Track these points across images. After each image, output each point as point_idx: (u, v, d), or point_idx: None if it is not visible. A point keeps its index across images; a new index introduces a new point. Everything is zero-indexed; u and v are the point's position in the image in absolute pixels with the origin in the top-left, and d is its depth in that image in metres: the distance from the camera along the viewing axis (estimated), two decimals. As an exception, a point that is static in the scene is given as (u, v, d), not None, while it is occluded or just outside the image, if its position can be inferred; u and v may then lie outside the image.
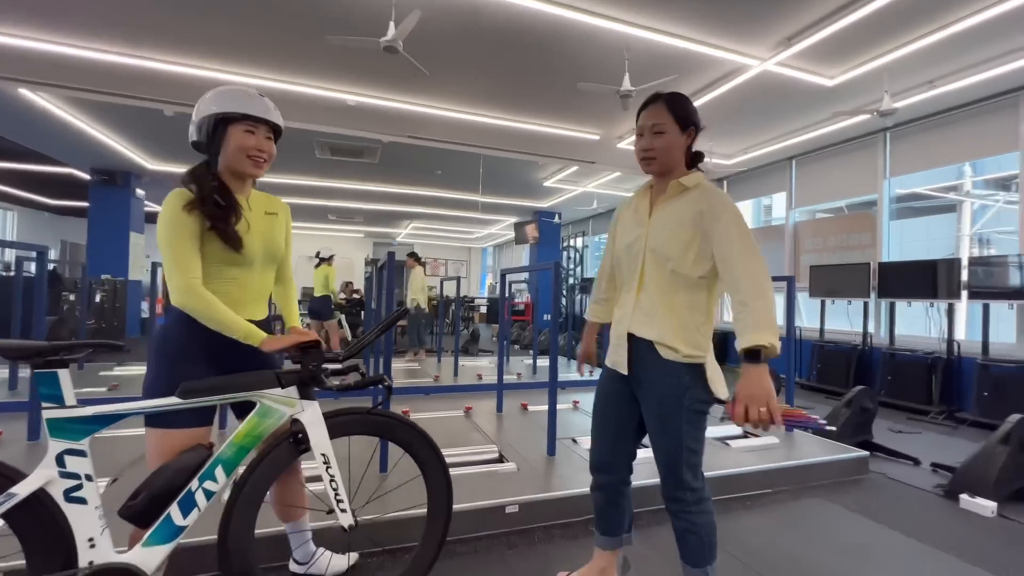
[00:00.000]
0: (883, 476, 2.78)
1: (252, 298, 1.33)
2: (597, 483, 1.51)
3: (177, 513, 1.13)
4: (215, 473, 1.17)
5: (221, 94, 1.26)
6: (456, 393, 4.18)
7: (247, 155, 1.26)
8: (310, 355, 1.28)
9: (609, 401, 1.47)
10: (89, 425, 1.10)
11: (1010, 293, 4.04)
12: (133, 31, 3.73)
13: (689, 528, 1.33)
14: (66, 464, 1.07)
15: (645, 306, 1.35)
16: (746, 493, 2.44)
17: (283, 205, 1.46)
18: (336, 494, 1.29)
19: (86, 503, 1.08)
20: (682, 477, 1.31)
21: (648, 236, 1.36)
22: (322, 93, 4.64)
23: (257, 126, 1.27)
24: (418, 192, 8.95)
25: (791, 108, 4.89)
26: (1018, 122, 4.29)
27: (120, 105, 4.87)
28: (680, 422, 1.30)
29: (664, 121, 1.34)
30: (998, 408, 3.86)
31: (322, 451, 1.27)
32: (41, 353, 1.07)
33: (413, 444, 1.44)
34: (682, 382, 1.29)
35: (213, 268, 1.24)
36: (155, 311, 4.17)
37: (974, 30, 3.40)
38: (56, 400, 1.08)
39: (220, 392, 1.19)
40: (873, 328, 5.32)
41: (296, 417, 1.26)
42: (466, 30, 3.61)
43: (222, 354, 1.26)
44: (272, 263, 1.39)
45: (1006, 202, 6.51)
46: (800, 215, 6.55)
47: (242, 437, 1.21)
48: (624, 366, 1.37)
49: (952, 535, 2.11)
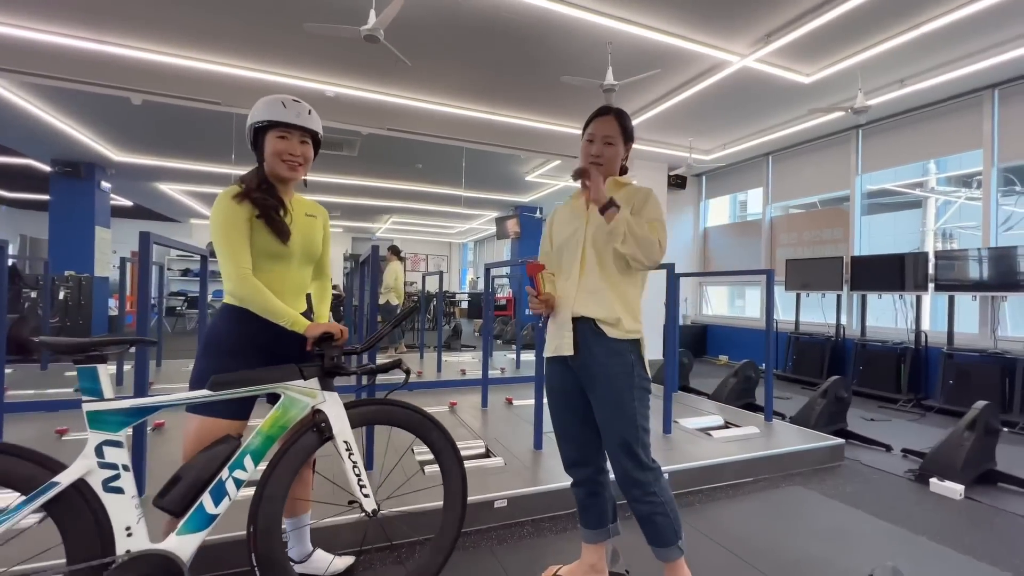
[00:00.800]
0: (858, 463, 2.88)
1: (291, 292, 1.41)
2: (575, 480, 1.54)
3: (209, 502, 1.18)
4: (244, 462, 1.22)
5: (259, 105, 1.37)
6: (440, 389, 4.15)
7: (281, 159, 1.36)
8: (330, 348, 1.33)
9: (562, 395, 1.49)
10: (127, 417, 1.15)
11: (973, 285, 4.21)
12: (97, 14, 3.55)
13: (656, 510, 1.36)
14: (105, 455, 1.11)
15: (588, 286, 1.42)
16: (728, 482, 2.49)
17: (322, 209, 1.56)
18: (359, 479, 1.34)
19: (123, 492, 1.12)
20: (640, 458, 1.36)
21: (588, 225, 1.47)
22: (300, 83, 4.51)
23: (290, 132, 1.36)
24: (398, 186, 8.82)
25: (769, 104, 4.98)
26: (981, 120, 4.47)
27: (83, 92, 4.64)
28: (633, 400, 1.36)
29: (614, 134, 1.50)
30: (962, 395, 4.04)
31: (344, 439, 1.33)
32: (83, 349, 1.13)
33: (429, 434, 1.49)
34: (628, 360, 1.37)
35: (256, 262, 1.33)
36: (124, 309, 4.02)
37: (942, 31, 3.51)
38: (96, 393, 1.13)
39: (247, 384, 1.25)
40: (845, 320, 5.49)
41: (318, 407, 1.32)
42: (449, 20, 3.56)
43: (267, 349, 1.35)
44: (310, 261, 1.48)
45: (968, 198, 6.80)
46: (776, 211, 6.70)
47: (268, 427, 1.27)
48: (570, 347, 1.41)
49: (923, 517, 2.19)
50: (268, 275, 1.35)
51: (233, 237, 1.28)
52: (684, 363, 4.76)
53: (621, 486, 1.39)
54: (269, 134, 1.35)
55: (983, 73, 4.09)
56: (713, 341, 7.45)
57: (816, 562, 1.78)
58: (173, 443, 2.58)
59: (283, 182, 1.41)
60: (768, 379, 3.32)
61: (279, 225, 1.34)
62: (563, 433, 1.52)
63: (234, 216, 1.29)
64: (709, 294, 7.99)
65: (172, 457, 2.35)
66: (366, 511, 1.34)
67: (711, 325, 7.53)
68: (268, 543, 1.21)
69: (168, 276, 13.03)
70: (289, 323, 1.29)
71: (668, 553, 1.40)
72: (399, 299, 6.63)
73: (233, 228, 1.29)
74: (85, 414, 1.12)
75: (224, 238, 1.28)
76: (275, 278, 1.36)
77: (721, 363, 6.94)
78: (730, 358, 6.99)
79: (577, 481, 1.53)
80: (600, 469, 1.52)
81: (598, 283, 1.42)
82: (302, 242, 1.42)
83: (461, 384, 4.28)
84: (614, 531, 1.56)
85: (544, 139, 6.01)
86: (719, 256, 7.60)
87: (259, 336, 1.33)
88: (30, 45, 3.86)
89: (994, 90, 4.36)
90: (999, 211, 4.46)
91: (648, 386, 1.42)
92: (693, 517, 2.11)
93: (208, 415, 1.27)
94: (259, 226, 1.32)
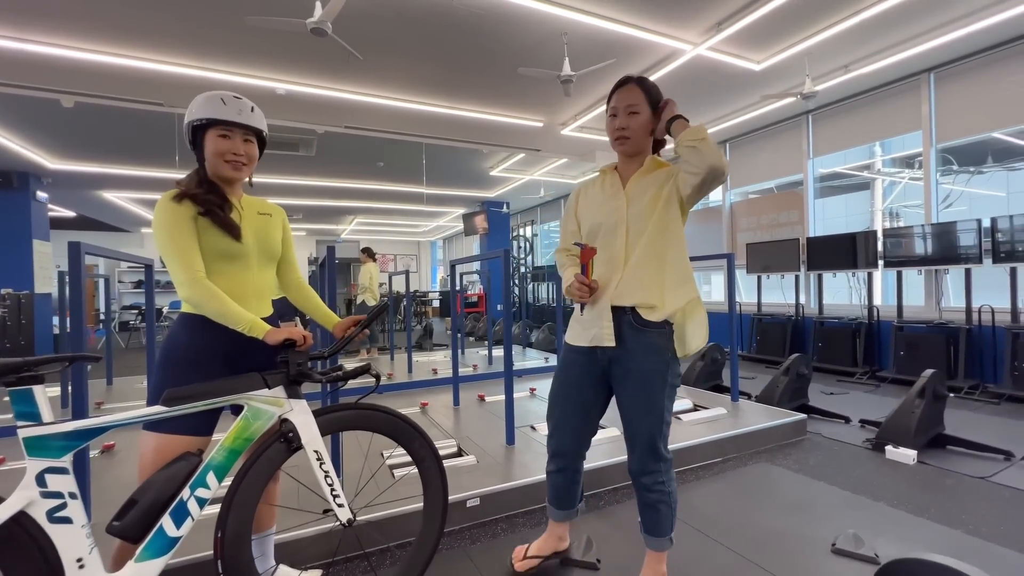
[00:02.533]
0: (819, 435, 2.98)
1: (253, 295, 1.34)
2: (557, 467, 1.55)
3: (170, 524, 1.10)
4: (207, 479, 1.15)
5: (197, 101, 1.28)
6: (411, 390, 4.08)
7: (224, 159, 1.28)
8: (294, 354, 1.27)
9: (576, 387, 1.46)
10: (70, 441, 1.06)
11: (918, 260, 4.44)
12: (18, 12, 3.29)
13: (661, 498, 1.39)
14: (47, 483, 1.03)
15: (633, 271, 1.36)
16: (698, 464, 2.54)
17: (277, 208, 1.47)
18: (332, 489, 1.29)
19: (72, 522, 1.04)
20: (660, 451, 1.37)
21: (628, 205, 1.39)
22: (247, 80, 4.32)
23: (232, 130, 1.28)
24: (360, 186, 8.61)
25: (723, 92, 5.09)
26: (920, 103, 4.69)
27: (6, 96, 4.31)
28: (663, 398, 1.35)
29: (638, 102, 1.37)
30: (913, 365, 4.26)
31: (314, 448, 1.27)
32: (14, 369, 1.04)
33: (404, 437, 1.43)
34: (666, 358, 1.34)
35: (210, 265, 1.25)
36: (65, 326, 3.77)
37: (881, 17, 3.66)
38: (32, 417, 1.05)
39: (205, 397, 1.16)
40: (804, 299, 5.70)
41: (285, 417, 1.26)
42: (399, 12, 3.46)
43: (230, 359, 1.27)
44: (270, 261, 1.41)
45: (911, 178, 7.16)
46: (735, 196, 6.88)
47: (232, 440, 1.20)
48: (611, 337, 1.35)
49: (880, 484, 2.29)
50: (225, 278, 1.27)
51: (179, 239, 1.19)
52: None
53: (634, 475, 1.40)
54: (209, 133, 1.26)
55: (920, 57, 4.29)
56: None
57: (783, 535, 1.83)
58: (124, 465, 2.43)
59: (227, 183, 1.32)
60: (733, 360, 3.40)
61: (225, 221, 1.25)
62: (562, 424, 1.50)
63: (177, 217, 1.20)
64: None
65: (125, 480, 2.22)
66: (341, 521, 1.29)
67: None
68: (236, 558, 1.15)
69: (120, 288, 12.38)
70: (247, 328, 1.20)
71: (661, 543, 1.42)
72: (375, 300, 6.51)
73: (177, 230, 1.20)
74: (22, 440, 1.04)
75: (169, 241, 1.19)
76: (233, 281, 1.29)
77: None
78: (698, 342, 7.15)
79: (559, 468, 1.54)
80: (582, 457, 1.54)
81: (643, 267, 1.35)
82: (257, 240, 1.34)
83: (433, 384, 4.22)
84: (581, 509, 1.64)
85: (505, 133, 5.97)
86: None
87: (220, 345, 1.25)
88: (-59, 45, 3.55)
89: (930, 73, 4.58)
90: (939, 189, 4.70)
91: (678, 382, 1.40)
92: (665, 501, 2.14)
93: (166, 432, 1.18)
94: (205, 225, 1.23)
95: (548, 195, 10.19)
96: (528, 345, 6.66)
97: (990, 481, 2.29)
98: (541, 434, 2.73)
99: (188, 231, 1.21)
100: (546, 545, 1.64)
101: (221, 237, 1.25)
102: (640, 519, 1.45)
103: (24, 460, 1.03)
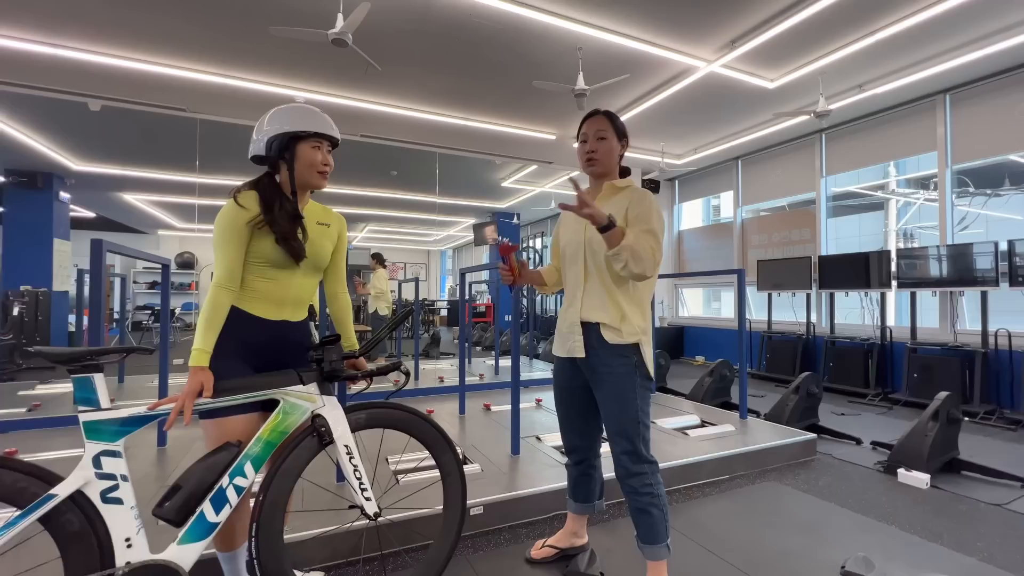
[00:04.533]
0: (830, 456, 2.93)
1: (292, 301, 1.38)
2: (573, 460, 1.69)
3: (210, 510, 1.16)
4: (244, 469, 1.21)
5: (290, 112, 1.33)
6: (417, 397, 4.08)
7: (316, 170, 1.35)
8: (328, 351, 1.34)
9: (569, 391, 1.61)
10: (124, 427, 1.14)
11: (933, 282, 4.38)
12: (52, 17, 3.42)
13: (652, 502, 1.44)
14: (102, 465, 1.10)
15: (592, 292, 1.50)
16: (705, 481, 2.50)
17: (338, 217, 1.51)
18: (360, 483, 1.34)
19: (122, 503, 1.11)
20: (640, 451, 1.44)
21: (586, 231, 1.51)
22: (268, 89, 4.43)
23: (321, 141, 1.35)
24: (373, 194, 8.72)
25: (736, 109, 5.11)
26: (935, 124, 4.67)
27: (37, 98, 4.45)
28: (635, 398, 1.45)
29: (606, 128, 1.54)
30: (926, 388, 4.18)
31: (345, 443, 1.33)
32: (78, 358, 1.11)
33: (436, 446, 1.48)
34: (631, 361, 1.45)
35: (258, 266, 1.30)
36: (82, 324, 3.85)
37: (897, 37, 3.67)
38: (92, 403, 1.12)
39: (246, 391, 1.24)
40: (815, 318, 5.64)
41: (318, 412, 1.31)
42: (418, 25, 3.54)
43: (260, 352, 1.33)
44: (316, 271, 1.44)
45: (926, 199, 7.10)
46: (746, 213, 6.86)
47: (268, 433, 1.25)
48: (582, 350, 1.49)
49: (892, 507, 2.24)
50: (269, 282, 1.32)
51: (227, 245, 1.25)
52: (661, 364, 4.80)
53: (621, 479, 1.47)
54: (303, 144, 1.32)
55: (935, 78, 4.28)
56: (690, 342, 7.56)
57: (792, 556, 1.79)
58: (135, 461, 2.46)
59: (304, 191, 1.38)
60: (742, 378, 3.36)
61: (296, 249, 1.30)
62: (566, 424, 1.66)
63: (234, 222, 1.25)
64: (685, 296, 8.12)
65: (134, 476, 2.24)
66: (367, 515, 1.34)
67: (688, 327, 7.64)
68: (271, 549, 1.20)
69: (134, 289, 12.58)
70: (194, 349, 1.21)
71: (657, 551, 1.45)
72: (388, 308, 6.54)
73: (230, 233, 1.25)
74: (82, 424, 1.11)
75: (220, 243, 1.26)
76: (277, 286, 1.34)
77: (698, 363, 7.04)
78: (707, 358, 7.09)
79: (574, 462, 1.69)
80: (595, 454, 1.68)
81: (599, 289, 1.48)
82: (310, 252, 1.36)
83: (439, 391, 4.22)
84: (599, 507, 1.73)
85: (518, 145, 6.04)
86: (693, 258, 7.73)
87: (253, 338, 1.31)
88: (-22, 49, 3.69)
89: (946, 95, 4.57)
90: (954, 211, 4.66)
91: (650, 385, 1.50)
92: (671, 516, 2.11)
93: (224, 416, 1.25)
94: (264, 232, 1.28)
95: (559, 207, 10.22)
96: (535, 356, 6.64)
97: (1006, 508, 2.23)
98: (547, 445, 2.71)
99: (238, 240, 1.26)
100: (562, 538, 1.75)
101: (278, 250, 1.29)
102: (635, 529, 1.48)
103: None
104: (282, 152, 1.31)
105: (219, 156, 6.13)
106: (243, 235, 1.26)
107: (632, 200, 1.47)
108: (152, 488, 2.07)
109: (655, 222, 1.41)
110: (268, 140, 1.31)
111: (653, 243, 1.37)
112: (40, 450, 2.56)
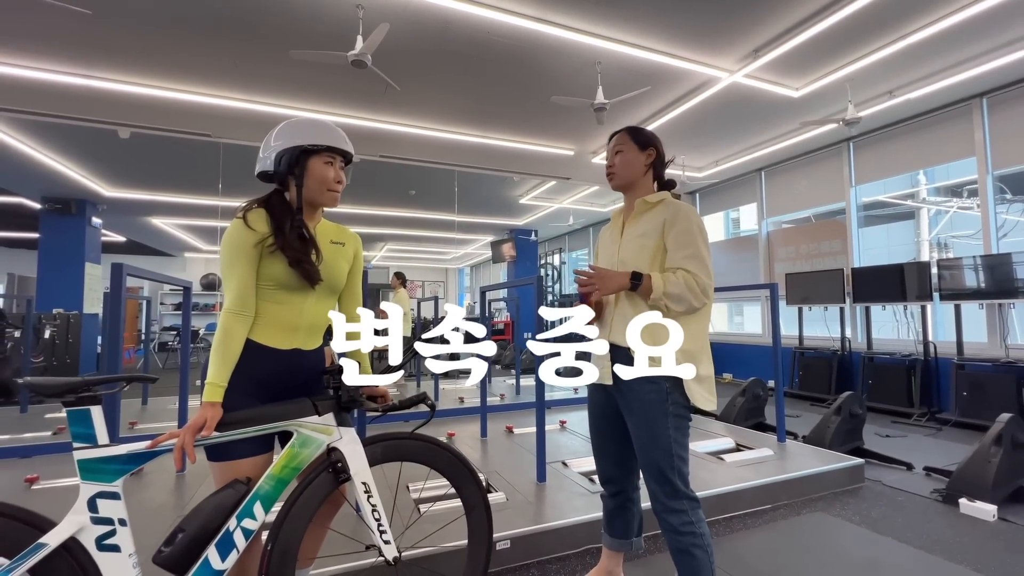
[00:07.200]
0: (879, 483, 2.72)
1: (305, 327, 1.26)
2: (609, 492, 1.59)
3: (215, 556, 1.05)
4: (253, 510, 1.10)
5: (301, 125, 1.24)
6: (437, 418, 3.98)
7: (328, 188, 1.25)
8: None
9: (602, 418, 1.53)
10: (124, 466, 1.04)
11: (979, 293, 4.13)
12: (84, 49, 3.54)
13: (695, 543, 1.31)
14: (99, 509, 1.00)
15: (622, 314, 1.39)
16: (745, 511, 2.34)
17: (353, 236, 1.41)
18: (379, 525, 1.23)
19: (119, 551, 1.01)
20: (676, 485, 1.32)
21: (620, 251, 1.47)
22: (290, 112, 4.50)
23: (335, 157, 1.26)
24: (392, 213, 8.79)
25: (759, 119, 5.00)
26: (973, 129, 4.47)
27: (71, 127, 4.61)
28: (667, 427, 1.33)
29: (623, 143, 1.51)
30: (978, 408, 3.91)
31: (363, 479, 1.22)
32: (73, 389, 1.02)
33: (459, 479, 1.37)
34: (662, 387, 1.33)
35: (269, 290, 1.20)
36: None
37: (929, 41, 3.53)
38: (88, 439, 1.02)
39: (256, 423, 1.14)
40: (850, 333, 5.38)
41: (334, 445, 1.21)
42: (436, 45, 3.56)
43: (268, 385, 1.21)
44: (331, 294, 1.33)
45: (960, 208, 6.81)
46: (770, 225, 6.67)
47: (280, 469, 1.15)
48: (609, 376, 1.38)
49: (957, 543, 2.04)
50: (282, 307, 1.21)
51: (236, 267, 1.15)
52: None
53: (657, 514, 1.36)
54: (315, 159, 1.22)
55: (971, 82, 4.11)
56: (715, 359, 7.29)
57: (850, 600, 1.63)
58: (152, 488, 2.41)
59: (315, 208, 1.29)
60: (779, 397, 3.18)
61: (310, 273, 1.20)
62: (601, 452, 1.57)
63: (242, 242, 1.16)
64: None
65: (151, 504, 2.20)
66: (386, 558, 1.22)
67: (712, 343, 7.39)
68: None
69: (162, 310, 12.87)
70: (207, 383, 1.12)
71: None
72: (409, 327, 6.49)
73: (238, 255, 1.16)
74: (76, 463, 1.01)
75: (228, 265, 1.16)
76: (289, 311, 1.22)
77: (725, 381, 6.79)
78: (734, 376, 6.84)
79: (610, 493, 1.58)
80: (633, 486, 1.56)
81: (630, 311, 1.36)
82: (325, 274, 1.25)
83: (459, 413, 4.12)
84: (637, 544, 1.60)
85: (537, 161, 6.01)
86: (716, 272, 7.48)
87: (264, 369, 1.20)
88: (17, 82, 3.84)
89: (983, 99, 4.38)
90: (996, 218, 4.42)
91: (686, 413, 1.36)
92: (711, 552, 1.96)
93: (227, 459, 1.13)
94: (274, 252, 1.17)
95: (577, 223, 10.15)
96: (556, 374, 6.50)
97: (1089, 545, 2.01)
98: (574, 471, 2.58)
99: (248, 260, 1.16)
100: (596, 575, 1.61)
101: (291, 273, 1.19)
102: (676, 570, 1.34)
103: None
104: (291, 167, 1.21)
105: (240, 179, 6.25)
106: (252, 257, 1.16)
107: (668, 217, 1.38)
108: (168, 519, 2.01)
109: (700, 243, 1.33)
110: (277, 155, 1.21)
111: (698, 269, 1.30)
112: (62, 476, 2.53)
